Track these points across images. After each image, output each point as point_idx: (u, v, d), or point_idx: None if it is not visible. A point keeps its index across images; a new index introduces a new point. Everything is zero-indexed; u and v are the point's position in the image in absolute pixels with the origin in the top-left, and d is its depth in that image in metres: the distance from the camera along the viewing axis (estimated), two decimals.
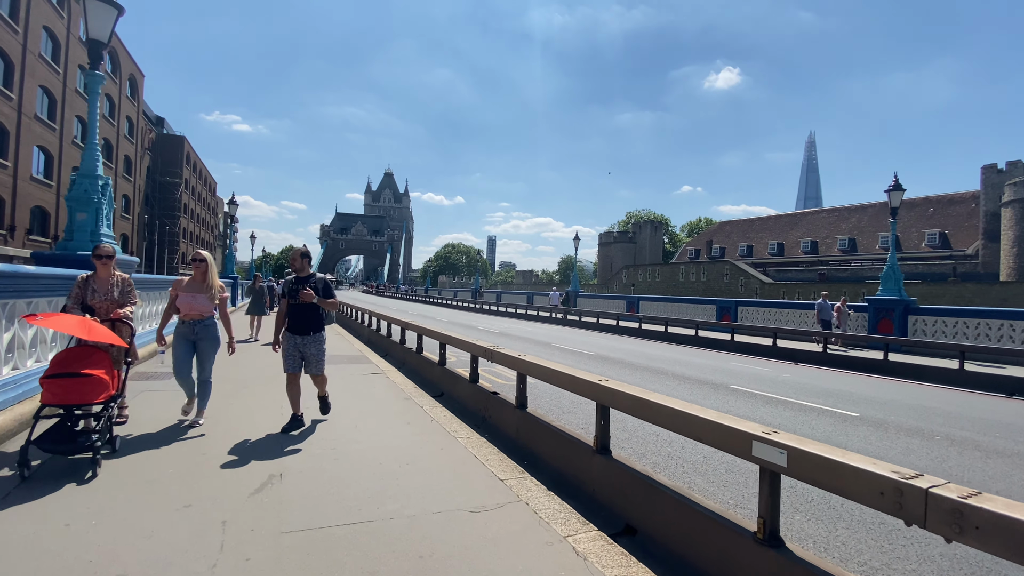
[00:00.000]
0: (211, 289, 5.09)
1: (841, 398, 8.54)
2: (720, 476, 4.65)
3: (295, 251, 5.26)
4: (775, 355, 14.08)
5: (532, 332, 19.94)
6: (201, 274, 5.07)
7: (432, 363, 8.34)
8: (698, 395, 8.27)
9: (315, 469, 4.06)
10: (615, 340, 17.65)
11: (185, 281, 5.13)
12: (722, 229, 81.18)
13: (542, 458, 4.48)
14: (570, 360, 11.98)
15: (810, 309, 19.00)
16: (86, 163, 6.88)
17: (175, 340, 5.09)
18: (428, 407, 6.40)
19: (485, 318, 28.34)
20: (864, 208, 66.82)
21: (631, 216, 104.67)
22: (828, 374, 11.43)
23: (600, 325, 22.14)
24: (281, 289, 5.29)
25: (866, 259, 59.53)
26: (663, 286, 60.84)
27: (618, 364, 11.57)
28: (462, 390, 6.77)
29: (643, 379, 9.61)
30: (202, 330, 5.02)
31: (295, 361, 5.16)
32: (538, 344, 15.49)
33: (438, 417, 5.93)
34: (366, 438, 4.94)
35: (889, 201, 16.71)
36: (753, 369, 11.58)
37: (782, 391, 8.89)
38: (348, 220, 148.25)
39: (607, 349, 14.48)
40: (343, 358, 10.29)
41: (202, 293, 5.05)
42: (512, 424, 5.19)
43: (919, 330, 15.94)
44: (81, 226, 6.79)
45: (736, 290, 51.97)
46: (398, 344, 10.76)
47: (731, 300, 22.15)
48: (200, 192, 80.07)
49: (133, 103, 48.79)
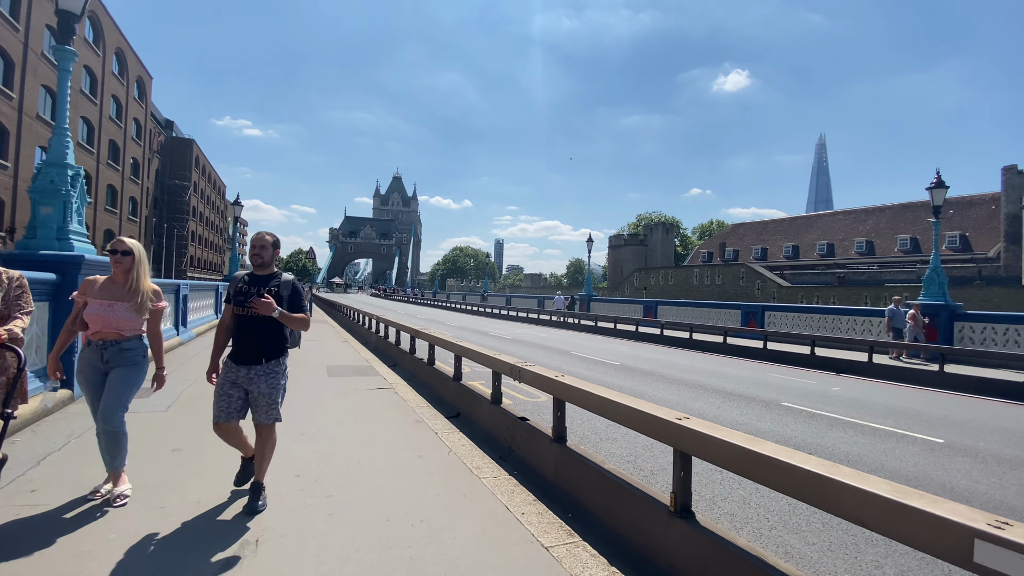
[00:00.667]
0: (137, 295, 3.39)
1: (912, 418, 7.48)
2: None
3: (259, 235, 3.52)
4: (813, 365, 13.00)
5: (546, 338, 18.96)
6: (123, 272, 3.40)
7: (446, 377, 7.40)
8: (750, 415, 7.26)
9: (303, 531, 3.12)
10: (636, 347, 16.62)
11: (99, 282, 3.45)
12: (735, 231, 79.75)
13: (593, 513, 3.50)
14: (594, 371, 10.99)
15: (848, 314, 17.86)
16: (54, 150, 6.01)
17: (78, 374, 3.45)
18: (443, 432, 5.46)
19: (495, 323, 27.39)
20: (882, 210, 65.24)
21: (641, 218, 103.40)
22: (879, 387, 10.35)
23: (617, 331, 21.10)
24: (226, 291, 3.58)
25: (884, 262, 57.95)
26: (676, 289, 59.61)
27: (648, 376, 10.57)
28: (483, 412, 5.81)
29: (681, 395, 8.60)
30: (116, 355, 3.35)
31: (231, 403, 3.33)
32: (555, 352, 14.51)
33: (456, 446, 4.98)
34: (370, 480, 3.99)
35: (932, 199, 15.58)
36: (797, 382, 10.52)
37: (840, 409, 7.84)
38: (357, 223, 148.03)
39: (631, 358, 13.47)
40: (349, 369, 9.39)
41: (123, 300, 3.35)
42: (549, 462, 4.22)
43: (966, 337, 14.77)
44: (46, 221, 5.93)
45: (752, 293, 50.67)
46: (408, 354, 9.84)
47: (757, 304, 21.03)
48: (209, 195, 79.95)
49: (141, 105, 48.49)
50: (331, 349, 12.32)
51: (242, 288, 3.43)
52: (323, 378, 8.39)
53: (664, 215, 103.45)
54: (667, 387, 9.26)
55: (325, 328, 18.29)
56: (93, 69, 36.90)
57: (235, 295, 3.43)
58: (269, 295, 3.33)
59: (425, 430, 5.54)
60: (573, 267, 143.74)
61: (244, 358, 3.36)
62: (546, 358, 12.98)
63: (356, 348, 12.77)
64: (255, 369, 3.35)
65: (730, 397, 8.53)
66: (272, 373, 3.40)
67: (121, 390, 3.34)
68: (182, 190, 65.13)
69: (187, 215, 66.54)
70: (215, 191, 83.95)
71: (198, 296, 15.48)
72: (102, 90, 38.41)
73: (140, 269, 3.44)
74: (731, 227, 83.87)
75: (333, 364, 9.86)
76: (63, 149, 6.05)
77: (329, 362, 10.11)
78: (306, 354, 11.21)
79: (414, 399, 7.15)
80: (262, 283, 3.44)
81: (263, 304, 3.23)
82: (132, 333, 3.42)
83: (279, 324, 3.41)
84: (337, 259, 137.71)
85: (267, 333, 3.40)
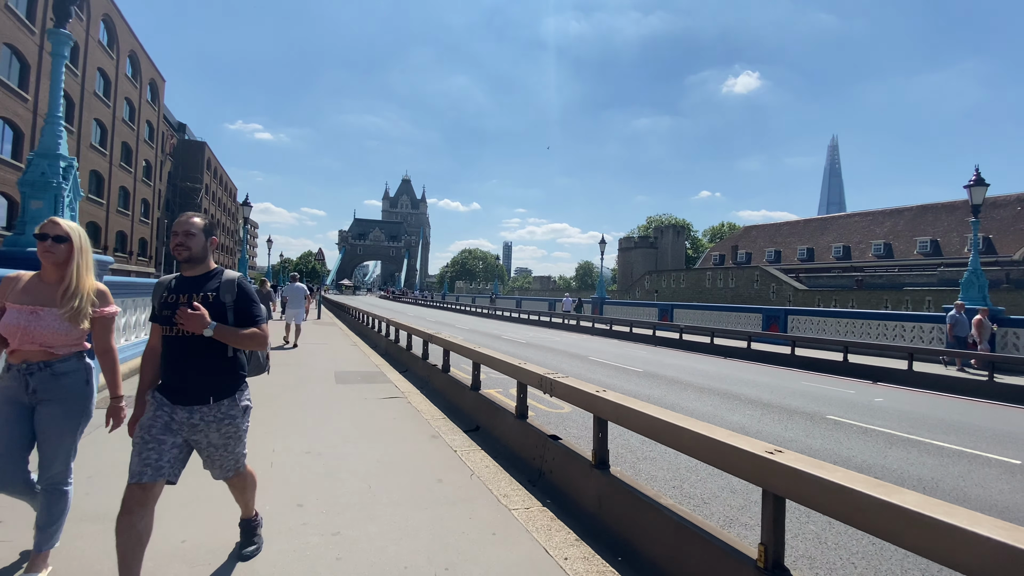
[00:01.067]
0: (73, 298, 2.44)
1: (975, 435, 6.80)
2: None
3: (184, 218, 2.49)
4: (846, 372, 12.28)
5: (560, 342, 18.37)
6: (56, 267, 2.47)
7: (462, 386, 6.85)
8: (796, 430, 6.63)
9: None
10: (655, 352, 15.97)
11: (23, 281, 2.50)
12: (748, 234, 78.57)
13: (651, 562, 2.92)
14: (616, 378, 10.39)
15: (880, 319, 17.06)
16: (46, 140, 5.58)
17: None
18: (463, 450, 4.91)
19: (507, 326, 26.84)
20: (899, 212, 63.91)
21: (652, 221, 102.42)
22: (925, 398, 9.64)
23: (633, 335, 20.46)
24: (154, 304, 2.50)
25: (904, 265, 56.60)
26: (688, 292, 58.65)
27: (675, 384, 9.95)
28: (506, 427, 5.25)
29: (715, 406, 7.98)
30: (47, 383, 2.41)
31: (162, 454, 2.28)
32: (572, 357, 13.92)
33: (478, 468, 4.42)
34: (384, 511, 3.45)
35: (970, 198, 14.77)
36: (834, 391, 9.84)
37: (893, 423, 7.18)
38: (366, 226, 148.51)
39: (653, 364, 12.84)
40: (359, 375, 8.89)
41: (51, 306, 2.42)
42: (589, 491, 3.65)
43: (1009, 344, 13.96)
44: (36, 216, 5.49)
45: (767, 297, 49.64)
46: (420, 359, 9.31)
47: (780, 308, 20.28)
48: (221, 198, 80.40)
49: (154, 108, 48.69)
50: (340, 353, 11.85)
51: (167, 299, 2.39)
52: (331, 385, 7.89)
53: (675, 217, 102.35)
54: (698, 397, 8.64)
55: (334, 331, 17.87)
56: (107, 72, 37.00)
57: (160, 308, 2.40)
58: (200, 304, 2.32)
59: (443, 447, 4.99)
60: (582, 270, 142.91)
61: (182, 396, 2.35)
62: (564, 364, 12.40)
63: (366, 352, 12.28)
64: (199, 412, 2.35)
65: (768, 408, 7.89)
66: (226, 418, 2.41)
67: (58, 434, 2.42)
68: (194, 192, 65.41)
69: None
70: (227, 194, 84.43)
71: None
72: (115, 93, 38.52)
73: (81, 262, 2.50)
74: (743, 229, 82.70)
75: (342, 370, 9.37)
76: (55, 139, 5.62)
77: (338, 367, 9.63)
78: (313, 358, 10.74)
79: (428, 410, 6.62)
80: (193, 287, 2.40)
81: (191, 318, 2.26)
82: (68, 351, 2.47)
83: (224, 348, 2.41)
84: (346, 261, 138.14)
85: (212, 359, 2.37)
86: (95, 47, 34.55)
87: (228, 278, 2.48)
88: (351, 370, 9.42)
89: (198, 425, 2.37)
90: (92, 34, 33.80)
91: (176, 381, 2.37)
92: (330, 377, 8.57)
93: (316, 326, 19.44)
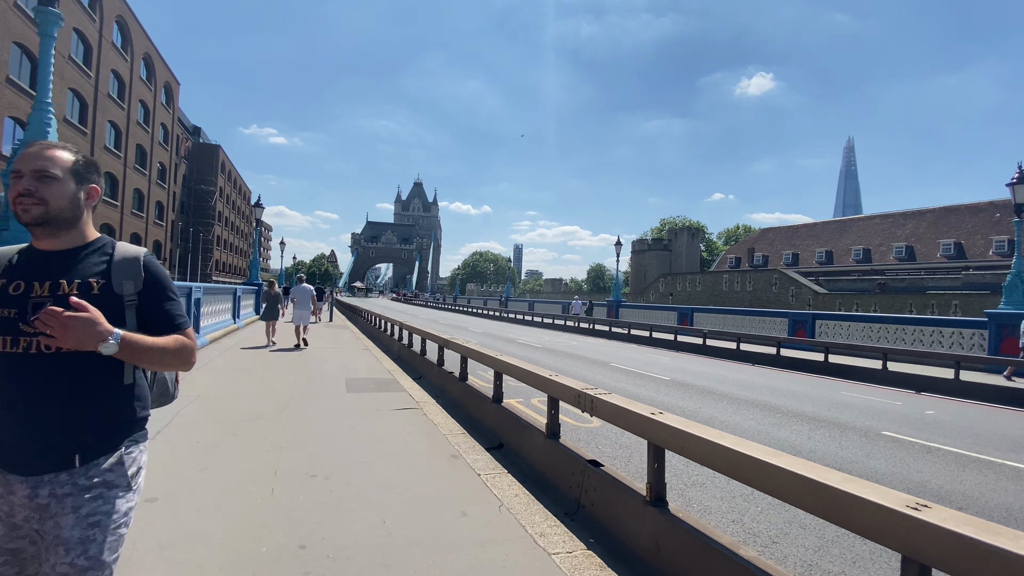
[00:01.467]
0: None
1: None
2: None
3: (34, 148, 1.42)
4: (886, 381, 11.52)
5: (577, 347, 17.77)
6: None
7: (482, 397, 6.31)
8: (854, 450, 5.98)
9: None
10: (678, 359, 15.31)
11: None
12: (764, 236, 77.28)
13: None
14: (642, 387, 9.78)
15: (917, 324, 16.21)
16: (33, 126, 5.19)
17: None
18: (487, 474, 4.36)
19: (520, 329, 26.27)
20: (921, 213, 62.31)
21: (665, 223, 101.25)
22: (979, 411, 8.91)
23: (652, 340, 19.77)
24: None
25: (928, 268, 55.07)
26: (704, 295, 57.59)
27: (708, 395, 9.32)
28: (535, 447, 4.69)
29: (758, 421, 7.35)
30: None
31: None
32: (592, 363, 13.32)
33: (506, 497, 3.87)
34: (402, 556, 2.90)
35: (1013, 196, 13.93)
36: (880, 403, 9.13)
37: (956, 440, 6.49)
38: (378, 229, 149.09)
39: (679, 372, 12.20)
40: (371, 383, 8.39)
41: None
42: (643, 532, 3.07)
43: None
44: None
45: (786, 300, 48.48)
46: (435, 365, 8.80)
47: (808, 312, 19.52)
48: (235, 201, 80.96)
49: (168, 110, 49.01)
50: (351, 358, 11.38)
51: (3, 288, 1.39)
52: (341, 394, 7.40)
53: (689, 219, 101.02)
54: (736, 409, 8.01)
55: (345, 334, 17.44)
56: (121, 73, 37.20)
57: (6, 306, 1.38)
58: (81, 300, 1.32)
59: (464, 469, 4.45)
60: (594, 272, 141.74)
61: (26, 458, 1.36)
62: (584, 370, 11.81)
63: (378, 357, 11.80)
64: (51, 485, 1.36)
65: (815, 423, 7.24)
66: (96, 490, 1.39)
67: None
68: (208, 195, 65.83)
69: (213, 220, 67.23)
70: (241, 197, 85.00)
71: (214, 300, 14.77)
72: (130, 95, 38.73)
73: None
74: (759, 231, 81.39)
75: (353, 376, 8.88)
76: (43, 127, 5.22)
77: (348, 374, 9.14)
78: (324, 363, 10.28)
79: (446, 423, 6.08)
80: (60, 270, 1.42)
81: (71, 325, 1.28)
82: None
83: (109, 363, 1.41)
84: (359, 264, 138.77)
85: (92, 390, 1.42)
86: (108, 48, 34.70)
87: (124, 255, 1.50)
88: (363, 377, 8.93)
89: (47, 506, 1.35)
90: (105, 36, 33.95)
91: (16, 427, 1.36)
92: (341, 385, 8.08)
93: (328, 329, 19.04)
